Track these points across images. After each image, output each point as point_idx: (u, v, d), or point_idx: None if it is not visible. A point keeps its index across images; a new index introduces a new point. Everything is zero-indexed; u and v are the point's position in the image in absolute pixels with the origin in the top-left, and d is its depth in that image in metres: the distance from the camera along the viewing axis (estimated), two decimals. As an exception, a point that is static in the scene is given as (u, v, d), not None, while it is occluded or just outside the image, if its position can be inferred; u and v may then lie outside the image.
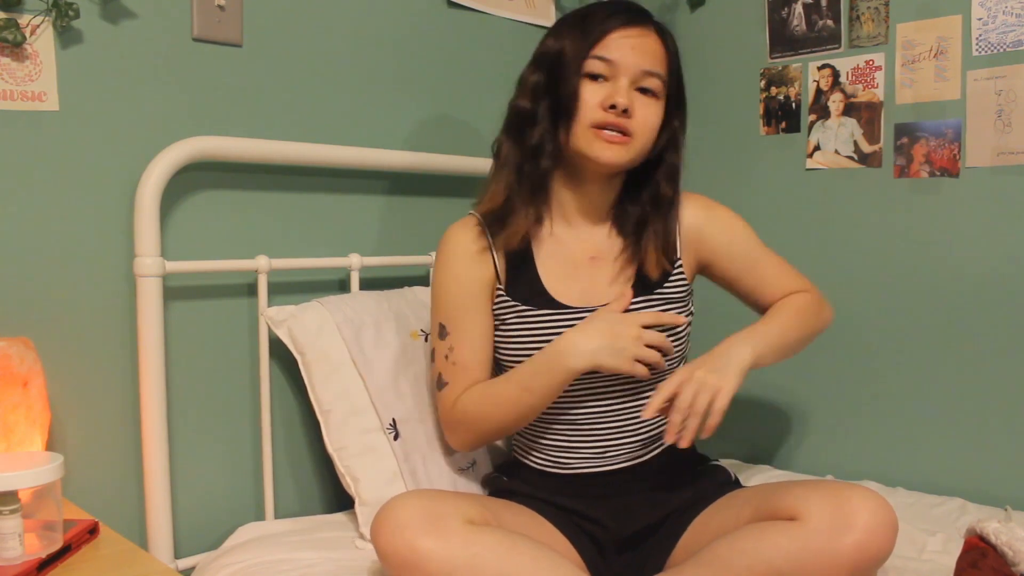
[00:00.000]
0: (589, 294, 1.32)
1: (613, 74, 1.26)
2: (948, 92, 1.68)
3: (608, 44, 1.26)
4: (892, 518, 1.06)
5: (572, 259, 1.35)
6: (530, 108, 1.31)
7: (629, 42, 1.27)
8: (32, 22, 1.29)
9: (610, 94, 1.25)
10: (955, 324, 1.70)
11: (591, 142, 1.26)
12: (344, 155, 1.61)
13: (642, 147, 1.29)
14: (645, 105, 1.28)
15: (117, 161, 1.40)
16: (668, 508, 1.29)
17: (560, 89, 1.27)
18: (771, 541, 1.08)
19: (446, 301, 1.37)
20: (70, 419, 1.35)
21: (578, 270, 1.34)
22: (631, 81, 1.26)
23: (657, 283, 1.32)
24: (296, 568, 1.26)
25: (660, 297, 1.32)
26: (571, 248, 1.36)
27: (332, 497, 1.66)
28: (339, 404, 1.43)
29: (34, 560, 1.01)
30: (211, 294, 1.51)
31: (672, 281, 1.33)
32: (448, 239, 1.39)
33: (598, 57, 1.26)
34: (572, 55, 1.27)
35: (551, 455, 1.33)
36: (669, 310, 1.31)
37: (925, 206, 1.72)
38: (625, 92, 1.25)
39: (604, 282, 1.33)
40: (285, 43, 1.59)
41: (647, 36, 1.29)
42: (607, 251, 1.36)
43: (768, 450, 1.93)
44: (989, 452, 1.66)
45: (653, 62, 1.28)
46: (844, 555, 1.04)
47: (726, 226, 1.40)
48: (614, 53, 1.26)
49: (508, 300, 1.33)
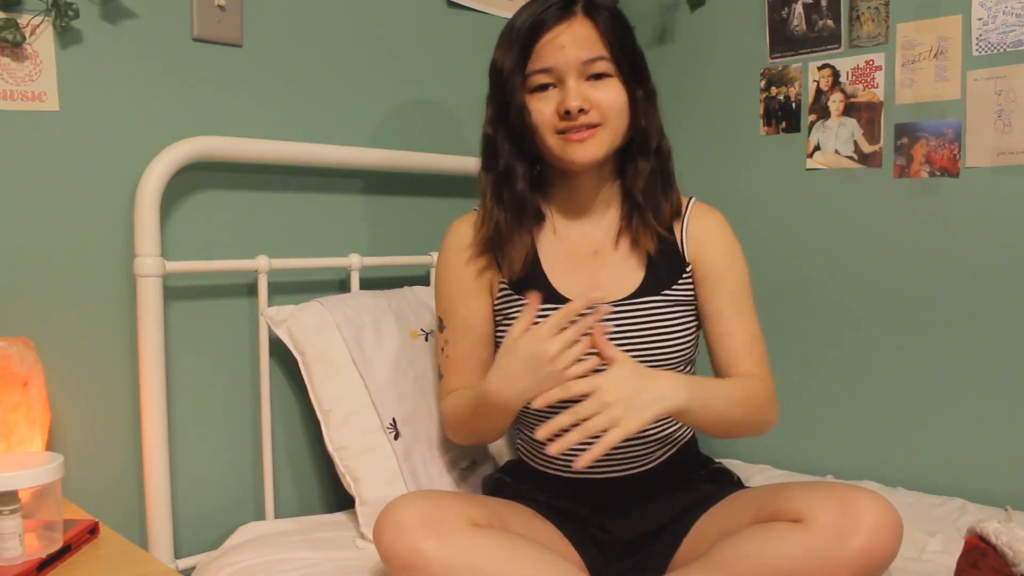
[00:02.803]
0: (592, 288, 1.29)
1: (558, 78, 1.23)
2: (948, 92, 1.68)
3: (540, 53, 1.23)
4: (897, 521, 1.06)
5: (575, 253, 1.33)
6: (491, 135, 1.30)
7: (559, 41, 1.22)
8: (32, 22, 1.29)
9: (561, 100, 1.22)
10: (955, 324, 1.70)
11: (563, 147, 1.24)
12: (344, 155, 1.61)
13: (616, 129, 1.26)
14: (601, 88, 1.23)
15: (117, 161, 1.40)
16: (672, 511, 1.28)
17: (512, 113, 1.25)
18: (776, 544, 1.07)
19: (443, 296, 1.37)
20: (70, 419, 1.35)
21: (581, 264, 1.32)
22: (577, 76, 1.22)
23: (665, 284, 1.30)
24: (296, 568, 1.26)
25: (667, 299, 1.29)
26: (573, 242, 1.34)
27: (332, 497, 1.66)
28: (339, 404, 1.43)
29: (34, 560, 1.01)
30: (211, 294, 1.51)
31: (681, 284, 1.31)
32: (449, 235, 1.38)
33: (536, 71, 1.23)
34: (510, 76, 1.24)
35: (554, 458, 1.31)
36: (675, 313, 1.29)
37: (925, 206, 1.72)
38: (575, 92, 1.22)
39: (608, 276, 1.31)
40: (285, 43, 1.59)
41: (574, 25, 1.23)
42: (611, 245, 1.33)
43: (768, 450, 1.93)
44: (989, 452, 1.66)
45: (590, 48, 1.23)
46: (849, 558, 1.03)
47: (728, 253, 1.33)
48: (548, 60, 1.23)
49: (512, 295, 1.32)
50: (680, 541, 1.25)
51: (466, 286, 1.34)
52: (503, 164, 1.29)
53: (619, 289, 1.29)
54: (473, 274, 1.34)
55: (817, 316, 1.87)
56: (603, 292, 1.26)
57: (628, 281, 1.30)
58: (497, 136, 1.29)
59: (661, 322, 1.27)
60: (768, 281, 1.92)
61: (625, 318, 1.26)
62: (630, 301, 1.28)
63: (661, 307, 1.28)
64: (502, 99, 1.27)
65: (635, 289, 1.29)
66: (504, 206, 1.30)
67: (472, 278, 1.34)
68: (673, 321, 1.28)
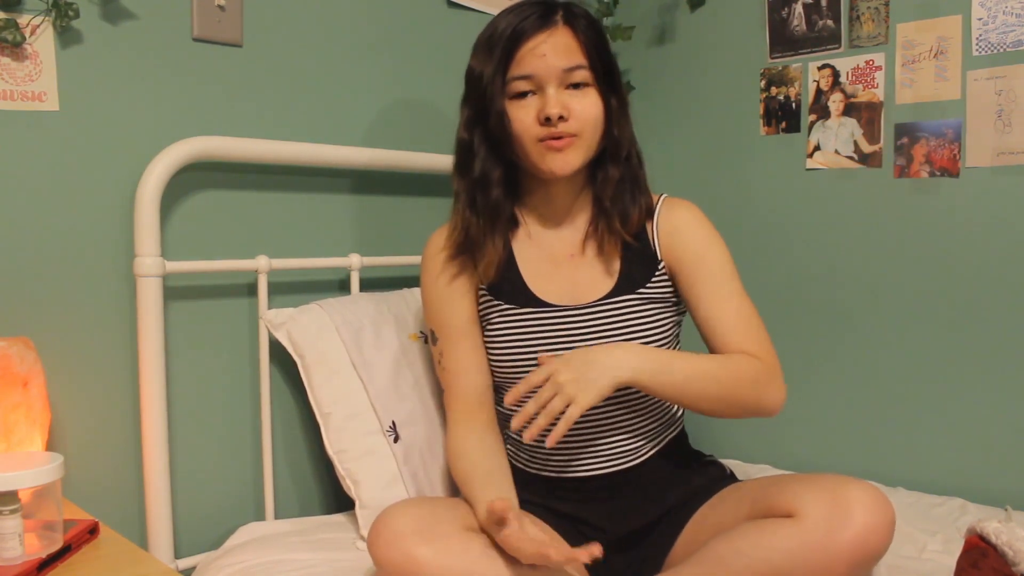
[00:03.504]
0: (571, 292, 1.31)
1: (538, 85, 1.23)
2: (948, 92, 1.68)
3: (521, 61, 1.23)
4: (889, 512, 1.06)
5: (552, 257, 1.34)
6: (467, 139, 1.30)
7: (541, 50, 1.23)
8: (32, 22, 1.29)
9: (541, 108, 1.23)
10: (955, 324, 1.70)
11: (542, 156, 1.25)
12: (343, 155, 1.61)
13: (591, 140, 1.27)
14: (579, 99, 1.24)
15: (117, 161, 1.40)
16: (664, 506, 1.29)
17: (491, 119, 1.25)
18: (769, 540, 1.07)
19: (430, 307, 1.38)
20: (70, 419, 1.35)
21: (559, 268, 1.33)
22: (557, 84, 1.23)
23: (639, 283, 1.31)
24: (296, 569, 1.26)
25: (641, 297, 1.30)
26: (550, 246, 1.35)
27: (332, 498, 1.66)
28: (339, 407, 1.43)
29: (34, 560, 1.01)
30: (211, 294, 1.51)
31: (655, 281, 1.31)
32: (427, 246, 1.39)
33: (516, 77, 1.24)
34: (491, 82, 1.24)
35: (539, 458, 1.33)
36: (651, 309, 1.29)
37: (925, 206, 1.72)
38: (555, 100, 1.22)
39: (585, 279, 1.32)
40: (285, 43, 1.59)
41: (555, 34, 1.24)
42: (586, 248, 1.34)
43: (768, 449, 1.93)
44: (989, 452, 1.66)
45: (570, 57, 1.23)
46: (842, 550, 1.04)
47: (701, 240, 1.32)
48: (528, 67, 1.23)
49: (492, 300, 1.33)
50: (675, 537, 1.26)
51: (448, 294, 1.35)
52: (479, 169, 1.29)
53: (595, 290, 1.31)
54: (453, 281, 1.35)
55: (817, 316, 1.87)
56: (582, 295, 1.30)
57: (604, 282, 1.31)
58: (473, 141, 1.29)
59: (637, 319, 1.28)
60: (768, 281, 1.92)
61: (602, 317, 1.28)
62: (606, 301, 1.29)
63: (636, 304, 1.29)
64: (480, 104, 1.27)
65: (610, 289, 1.30)
66: (477, 211, 1.31)
67: (453, 285, 1.35)
68: (650, 317, 1.29)
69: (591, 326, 1.28)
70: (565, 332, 1.28)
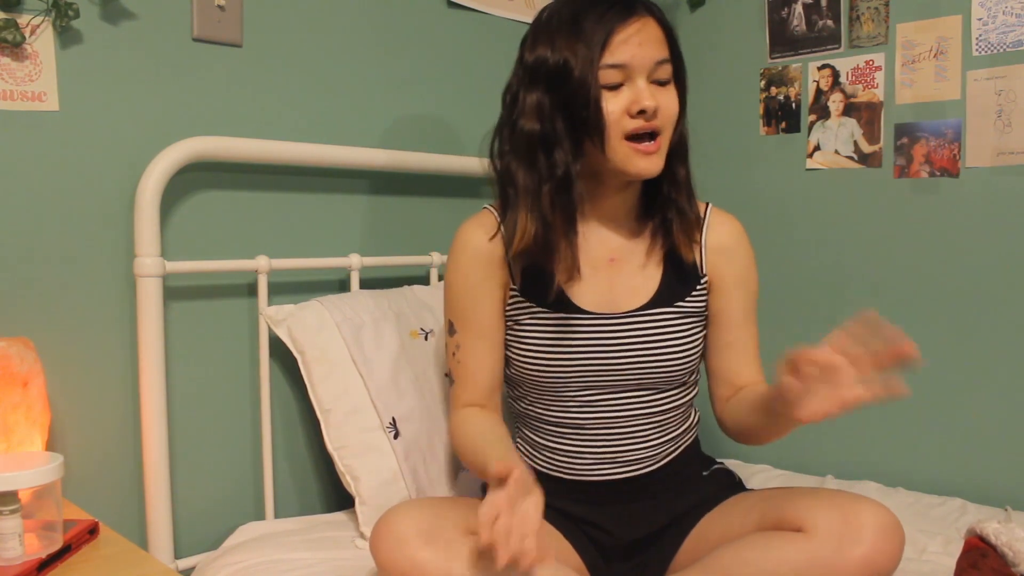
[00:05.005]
0: (607, 299, 1.27)
1: (628, 76, 1.17)
2: (948, 92, 1.68)
3: (615, 49, 1.16)
4: (900, 535, 1.05)
5: (591, 261, 1.28)
6: (541, 130, 1.20)
7: (636, 39, 1.16)
8: (32, 22, 1.29)
9: (634, 99, 1.17)
10: (955, 324, 1.70)
11: (628, 157, 1.19)
12: (344, 155, 1.61)
13: (670, 138, 1.23)
14: (664, 95, 1.20)
15: (117, 161, 1.40)
16: (673, 513, 1.27)
17: (579, 107, 1.17)
18: (777, 552, 1.06)
19: (454, 299, 1.32)
20: (70, 419, 1.35)
21: (596, 272, 1.28)
22: (647, 77, 1.18)
23: (679, 295, 1.27)
24: (296, 568, 1.26)
25: (679, 311, 1.27)
26: (591, 249, 1.29)
27: (332, 496, 1.66)
28: (339, 403, 1.43)
29: (34, 560, 1.01)
30: (211, 294, 1.51)
31: (695, 296, 1.28)
32: (459, 236, 1.32)
33: (611, 66, 1.16)
34: (582, 68, 1.16)
35: (556, 460, 1.31)
36: (686, 324, 1.27)
37: (925, 206, 1.72)
38: (648, 93, 1.17)
39: (624, 287, 1.28)
40: (285, 43, 1.59)
41: (647, 24, 1.18)
42: (628, 253, 1.30)
43: (768, 450, 1.92)
44: (989, 452, 1.66)
45: (660, 49, 1.19)
46: (851, 567, 1.02)
47: (747, 264, 1.32)
48: (624, 56, 1.16)
49: (523, 301, 1.29)
50: (680, 543, 1.25)
51: (481, 292, 1.29)
52: (562, 164, 1.20)
53: (633, 299, 1.27)
54: (487, 279, 1.29)
55: (817, 316, 1.87)
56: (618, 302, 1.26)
57: (642, 291, 1.27)
58: (551, 132, 1.20)
59: (671, 334, 1.25)
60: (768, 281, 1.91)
61: (635, 329, 1.25)
62: (642, 312, 1.25)
63: (673, 319, 1.26)
64: (566, 94, 1.18)
65: (648, 299, 1.26)
66: (554, 209, 1.22)
67: (486, 283, 1.29)
68: (683, 333, 1.26)
69: (624, 338, 1.24)
70: (597, 341, 1.24)
